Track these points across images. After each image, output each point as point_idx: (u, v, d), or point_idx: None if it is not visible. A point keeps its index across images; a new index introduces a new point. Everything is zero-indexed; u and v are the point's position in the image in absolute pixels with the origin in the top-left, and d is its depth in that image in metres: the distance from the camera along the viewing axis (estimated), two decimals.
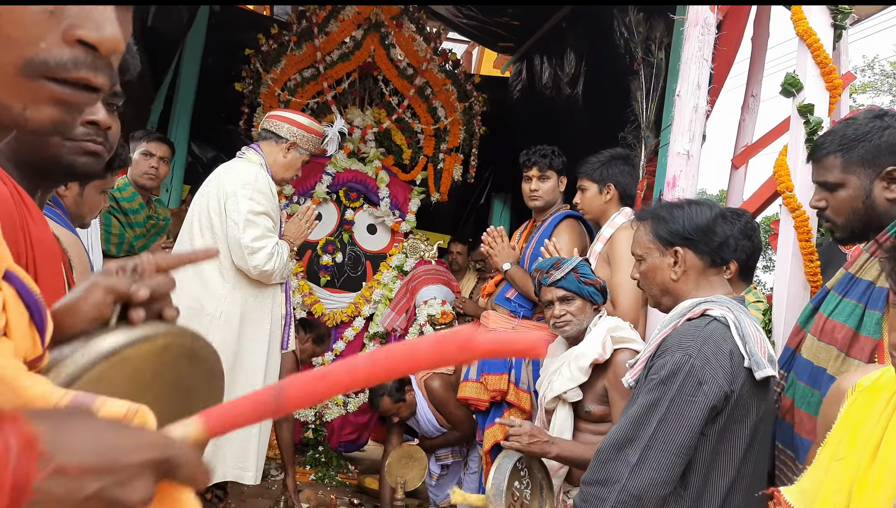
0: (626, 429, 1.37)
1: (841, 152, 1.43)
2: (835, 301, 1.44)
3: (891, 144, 1.38)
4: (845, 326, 1.38)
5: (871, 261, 1.40)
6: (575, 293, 2.07)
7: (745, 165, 3.63)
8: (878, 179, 1.39)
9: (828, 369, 1.40)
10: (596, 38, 3.89)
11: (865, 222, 1.42)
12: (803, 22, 1.86)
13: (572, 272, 2.09)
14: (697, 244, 1.50)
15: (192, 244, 2.32)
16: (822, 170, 1.47)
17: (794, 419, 1.48)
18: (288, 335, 2.47)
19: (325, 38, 4.10)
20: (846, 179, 1.42)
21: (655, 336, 1.48)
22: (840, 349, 1.39)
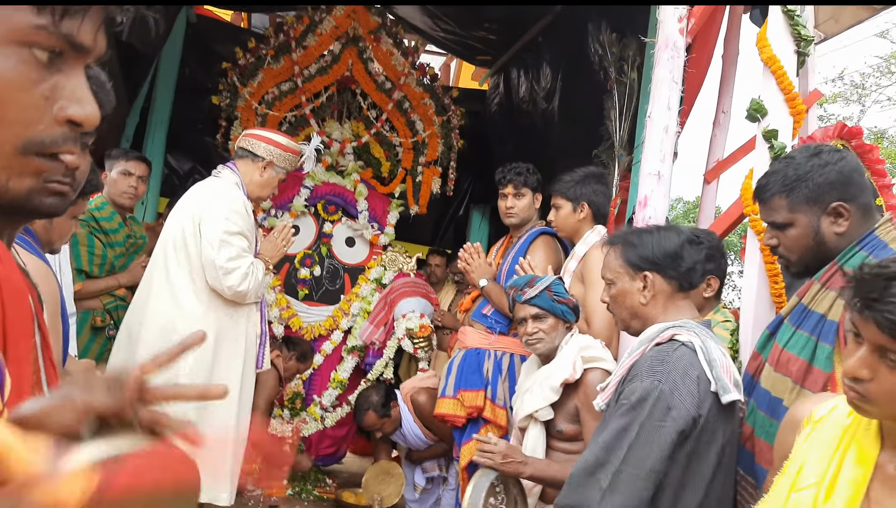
0: (598, 454, 1.39)
1: (785, 193, 1.46)
2: (789, 332, 1.47)
3: (831, 181, 1.42)
4: (799, 358, 1.42)
5: (822, 292, 1.43)
6: (548, 311, 2.10)
7: (716, 180, 3.70)
8: (824, 215, 1.43)
9: (784, 400, 1.43)
10: (571, 54, 3.95)
11: (819, 257, 1.46)
12: (767, 49, 1.92)
13: (546, 291, 2.12)
14: (666, 270, 1.54)
15: (166, 264, 2.31)
16: (770, 211, 1.51)
17: (755, 447, 1.51)
18: (262, 354, 2.46)
19: (302, 51, 4.10)
20: (794, 218, 1.46)
21: (625, 360, 1.51)
22: (795, 381, 1.42)
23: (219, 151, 4.32)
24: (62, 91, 0.51)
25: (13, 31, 0.48)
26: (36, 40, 0.49)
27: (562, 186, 2.59)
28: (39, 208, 0.66)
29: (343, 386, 3.99)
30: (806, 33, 1.89)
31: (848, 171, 1.43)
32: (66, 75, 0.52)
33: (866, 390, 0.93)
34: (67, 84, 0.52)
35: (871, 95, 11.93)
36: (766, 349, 1.53)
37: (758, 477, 1.48)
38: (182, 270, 2.27)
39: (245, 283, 2.30)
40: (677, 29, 2.31)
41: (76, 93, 0.52)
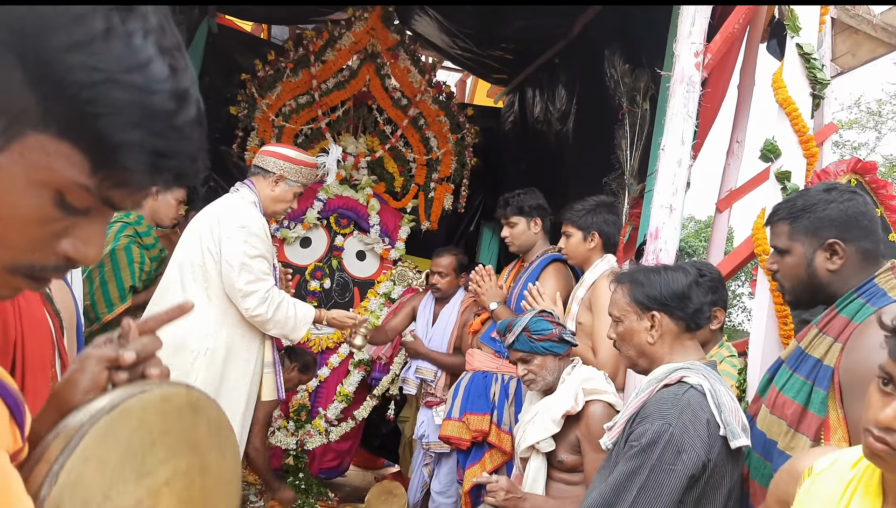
0: (607, 496, 1.40)
1: (789, 221, 1.49)
2: (786, 376, 1.47)
3: (833, 218, 1.44)
4: (794, 402, 1.42)
5: (819, 337, 1.43)
6: (531, 352, 2.11)
7: (729, 209, 3.71)
8: (819, 249, 1.45)
9: (778, 443, 1.44)
10: (586, 77, 3.97)
11: (810, 290, 1.47)
12: (783, 90, 1.93)
13: (523, 333, 2.12)
14: (673, 310, 1.55)
15: (182, 279, 2.33)
16: (774, 235, 1.54)
17: (749, 489, 1.51)
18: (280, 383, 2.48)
19: (321, 65, 4.15)
20: (792, 246, 1.48)
21: (633, 401, 1.52)
22: (790, 424, 1.42)
23: (234, 160, 4.37)
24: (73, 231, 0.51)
25: (51, 179, 0.47)
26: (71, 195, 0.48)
27: (572, 214, 2.61)
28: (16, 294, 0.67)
29: (348, 400, 4.01)
30: (822, 76, 1.91)
31: (853, 212, 1.44)
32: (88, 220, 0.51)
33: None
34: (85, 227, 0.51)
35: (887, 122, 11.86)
36: (765, 392, 1.53)
37: None
38: (198, 286, 2.29)
39: (263, 307, 2.30)
40: (693, 63, 2.33)
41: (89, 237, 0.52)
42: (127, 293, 2.71)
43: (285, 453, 3.91)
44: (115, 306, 2.66)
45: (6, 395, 0.58)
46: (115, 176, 0.49)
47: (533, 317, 2.16)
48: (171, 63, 0.51)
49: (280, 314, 2.35)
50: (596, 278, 2.48)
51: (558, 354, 2.12)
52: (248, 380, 2.34)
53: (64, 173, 0.47)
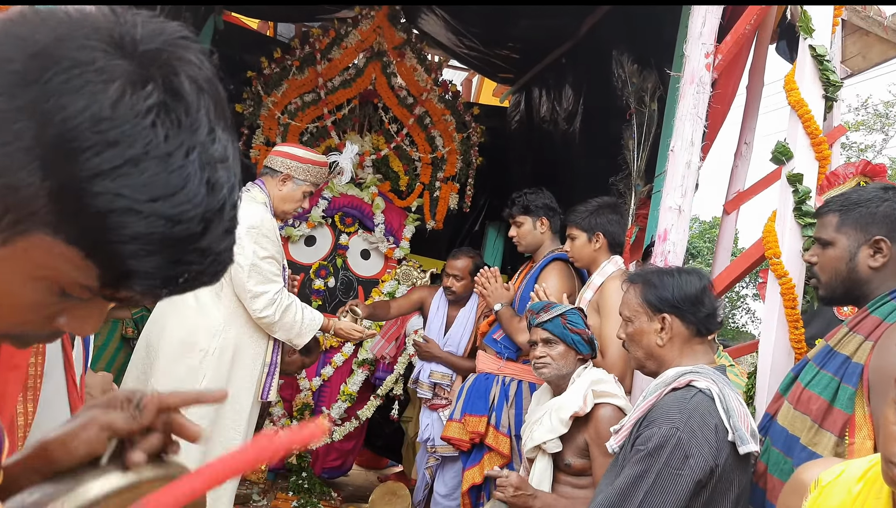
0: (614, 500, 1.39)
1: (840, 212, 1.49)
2: (812, 372, 1.47)
3: (886, 215, 1.44)
4: (820, 397, 1.42)
5: (849, 335, 1.43)
6: (559, 338, 2.09)
7: (736, 211, 3.68)
8: (865, 245, 1.44)
9: (801, 438, 1.43)
10: (594, 78, 3.95)
11: (847, 285, 1.47)
12: (795, 92, 1.91)
13: (560, 317, 2.12)
14: (685, 314, 1.54)
15: None
16: (821, 226, 1.54)
17: (767, 485, 1.50)
18: (270, 385, 2.44)
19: (327, 64, 4.14)
20: (837, 238, 1.48)
21: (641, 404, 1.51)
22: (814, 419, 1.42)
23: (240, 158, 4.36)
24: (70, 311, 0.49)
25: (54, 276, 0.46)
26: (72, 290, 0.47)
27: (576, 216, 2.59)
28: None
29: (352, 399, 4.00)
30: (834, 78, 1.89)
31: None
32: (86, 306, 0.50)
33: None
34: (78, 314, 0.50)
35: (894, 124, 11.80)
36: (788, 391, 1.52)
37: None
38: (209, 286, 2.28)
39: (271, 309, 2.30)
40: (703, 64, 2.31)
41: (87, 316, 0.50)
42: None
43: None
44: None
45: None
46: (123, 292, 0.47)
47: (573, 309, 2.18)
48: (211, 178, 0.47)
49: (287, 318, 2.34)
50: (604, 280, 2.46)
51: (581, 353, 2.11)
52: (256, 380, 2.34)
53: (69, 275, 0.45)
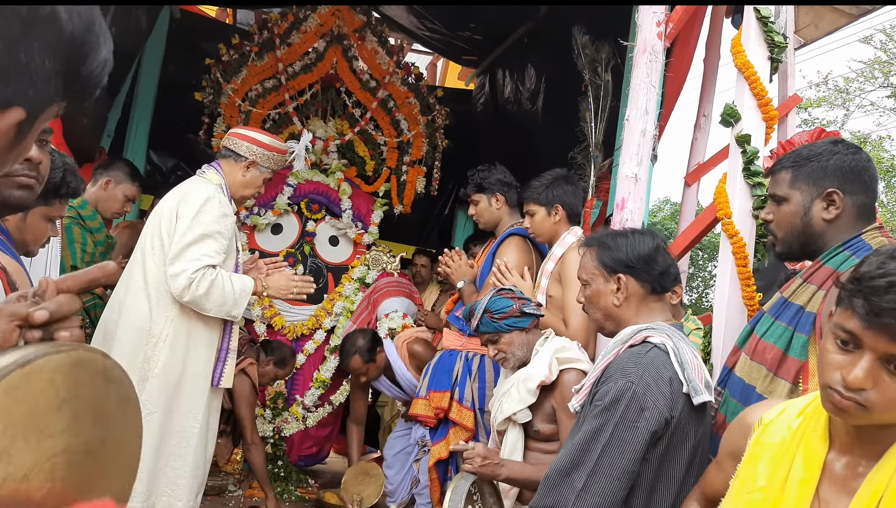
0: (573, 455, 1.41)
1: (792, 168, 1.51)
2: (767, 323, 1.51)
3: (836, 167, 1.46)
4: (775, 347, 1.45)
5: (803, 286, 1.47)
6: (495, 332, 2.12)
7: (697, 183, 3.74)
8: (818, 198, 1.47)
9: (757, 387, 1.47)
10: (554, 56, 3.97)
11: (802, 240, 1.50)
12: (741, 55, 1.94)
13: (485, 315, 2.13)
14: (639, 272, 1.56)
15: (143, 263, 2.28)
16: (774, 183, 1.56)
17: None
18: (220, 372, 2.33)
19: (286, 49, 4.09)
20: (791, 194, 1.50)
21: (599, 362, 1.53)
22: (769, 369, 1.45)
23: (202, 147, 4.30)
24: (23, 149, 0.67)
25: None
26: None
27: (532, 192, 2.59)
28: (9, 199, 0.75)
29: (325, 386, 3.99)
30: (779, 40, 1.92)
31: (856, 166, 1.46)
32: None
33: (867, 398, 0.92)
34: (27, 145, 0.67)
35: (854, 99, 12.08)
36: (744, 343, 1.56)
37: None
38: (159, 270, 2.24)
39: (190, 291, 2.16)
40: (655, 33, 2.34)
41: None
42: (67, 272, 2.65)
43: (263, 441, 3.88)
44: None
45: None
46: None
47: (491, 297, 2.16)
48: None
49: (215, 293, 2.20)
50: (564, 251, 2.48)
51: (524, 328, 2.12)
52: (211, 366, 2.30)
53: None
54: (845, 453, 0.99)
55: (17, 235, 1.63)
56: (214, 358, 2.30)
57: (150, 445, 2.13)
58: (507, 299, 2.14)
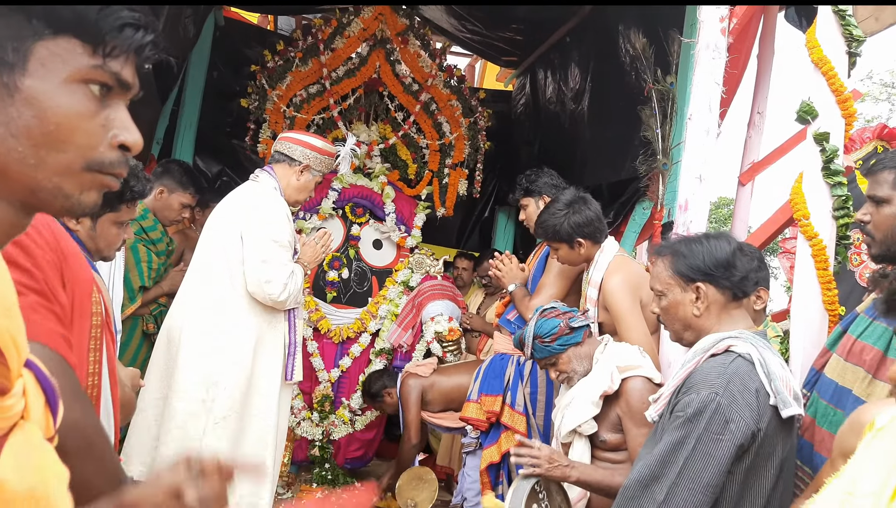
0: (653, 467, 1.36)
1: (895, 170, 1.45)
2: (864, 323, 1.45)
3: None
4: (874, 348, 1.39)
5: None
6: (551, 356, 2.06)
7: (751, 182, 3.64)
8: None
9: (853, 389, 1.41)
10: (601, 54, 3.90)
11: None
12: (818, 50, 1.87)
13: (536, 341, 2.07)
14: (718, 279, 1.50)
15: (207, 270, 2.31)
16: (875, 184, 1.49)
17: (815, 437, 1.48)
18: (292, 366, 2.43)
19: (330, 54, 4.10)
20: (893, 195, 1.44)
21: (679, 372, 1.48)
22: (868, 370, 1.40)
23: (247, 153, 4.34)
24: (114, 122, 0.63)
25: (76, 71, 0.60)
26: (92, 77, 0.61)
27: (547, 231, 2.44)
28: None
29: None
30: (858, 33, 1.84)
31: None
32: (113, 109, 0.64)
33: None
34: (117, 116, 0.64)
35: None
36: (835, 345, 1.50)
37: (815, 467, 1.46)
38: (223, 276, 2.27)
39: (285, 292, 2.30)
40: (719, 29, 2.26)
41: (124, 123, 0.64)
42: (137, 294, 2.69)
43: (311, 444, 3.90)
44: (126, 306, 2.63)
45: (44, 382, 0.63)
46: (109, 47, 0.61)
47: (537, 322, 2.09)
48: None
49: (294, 290, 2.36)
50: (602, 276, 2.38)
51: (578, 342, 2.06)
52: (280, 365, 2.33)
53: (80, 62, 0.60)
54: None
55: (91, 243, 1.64)
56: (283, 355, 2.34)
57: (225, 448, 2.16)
58: (554, 319, 2.08)
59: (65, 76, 0.59)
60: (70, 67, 0.60)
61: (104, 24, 0.61)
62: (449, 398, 3.34)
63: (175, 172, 3.00)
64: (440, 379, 3.41)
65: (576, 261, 2.50)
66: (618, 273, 2.34)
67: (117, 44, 0.62)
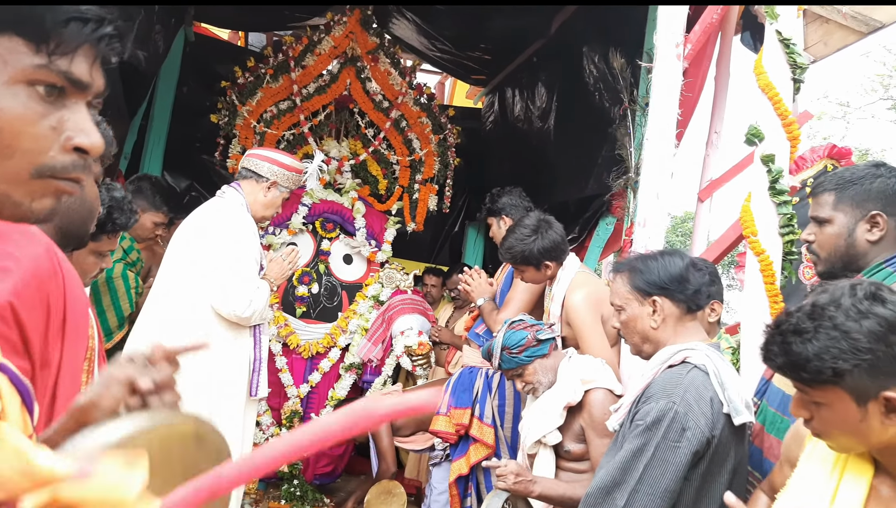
0: (614, 474, 1.42)
1: (835, 191, 1.54)
2: None
3: (880, 190, 1.50)
4: None
5: None
6: (517, 367, 2.13)
7: (710, 198, 3.78)
8: (862, 220, 1.50)
9: None
10: (566, 75, 4.02)
11: (845, 260, 1.52)
12: (764, 76, 1.98)
13: (503, 352, 2.13)
14: (673, 293, 1.58)
15: (174, 287, 2.30)
16: (817, 205, 1.58)
17: (764, 444, 1.56)
18: (256, 382, 2.42)
19: (301, 71, 4.14)
20: (834, 216, 1.53)
21: (639, 383, 1.55)
22: None
23: (217, 168, 4.34)
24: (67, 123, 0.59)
25: (18, 72, 0.57)
26: (37, 78, 0.58)
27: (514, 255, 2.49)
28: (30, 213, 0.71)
29: (341, 405, 3.98)
30: (801, 61, 1.96)
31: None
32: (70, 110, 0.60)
33: (814, 428, 1.01)
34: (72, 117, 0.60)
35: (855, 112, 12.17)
36: None
37: (765, 472, 1.53)
38: (188, 292, 2.27)
39: (250, 308, 2.31)
40: (674, 55, 2.38)
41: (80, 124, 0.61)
42: (125, 321, 2.67)
43: None
44: (114, 334, 2.61)
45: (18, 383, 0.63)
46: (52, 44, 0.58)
47: (505, 333, 2.15)
48: None
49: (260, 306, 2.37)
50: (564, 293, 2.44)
51: (544, 354, 2.12)
52: (245, 382, 2.33)
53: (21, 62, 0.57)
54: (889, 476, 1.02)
55: None
56: (248, 371, 2.33)
57: None
58: (521, 331, 2.14)
59: (5, 78, 0.57)
60: (11, 67, 0.57)
61: (47, 20, 0.57)
62: (419, 420, 3.35)
63: (147, 192, 2.98)
64: None
65: (541, 280, 2.58)
66: (580, 289, 2.41)
67: (62, 40, 0.58)
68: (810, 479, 1.09)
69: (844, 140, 12.26)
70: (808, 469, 1.11)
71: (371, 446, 3.39)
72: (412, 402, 0.65)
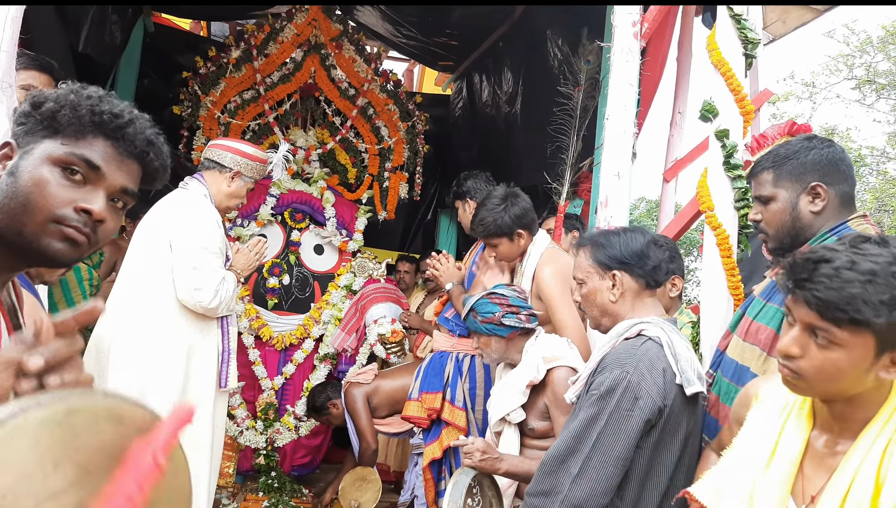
0: (569, 442, 1.44)
1: (773, 168, 1.56)
2: (759, 306, 1.56)
3: (815, 162, 1.52)
4: (768, 328, 1.50)
5: None
6: (476, 332, 2.16)
7: (675, 179, 3.82)
8: (803, 193, 1.52)
9: (751, 367, 1.52)
10: (531, 59, 4.03)
11: (793, 233, 1.55)
12: (716, 52, 2.00)
13: (471, 313, 2.16)
14: (633, 268, 1.60)
15: (139, 279, 2.27)
16: (758, 185, 1.61)
17: (719, 413, 1.59)
18: (226, 373, 2.39)
19: (264, 59, 4.08)
20: (776, 193, 1.55)
21: (595, 355, 1.57)
22: (763, 348, 1.51)
23: (182, 161, 4.27)
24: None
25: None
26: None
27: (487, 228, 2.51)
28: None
29: None
30: (753, 36, 1.98)
31: (833, 157, 1.52)
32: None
33: (798, 367, 1.00)
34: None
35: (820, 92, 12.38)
36: (736, 327, 1.61)
37: None
38: (153, 285, 2.24)
39: (216, 299, 2.29)
40: (631, 33, 2.39)
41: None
42: None
43: (255, 453, 3.86)
44: None
45: None
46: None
47: (481, 299, 2.17)
48: None
49: (226, 297, 2.35)
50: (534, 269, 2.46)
51: (501, 336, 2.13)
52: (214, 374, 2.31)
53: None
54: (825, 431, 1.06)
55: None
56: (217, 362, 2.32)
57: None
58: (494, 305, 2.14)
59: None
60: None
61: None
62: (394, 401, 3.37)
63: None
64: (383, 383, 3.44)
65: (514, 255, 2.58)
66: (550, 264, 2.44)
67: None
68: (755, 435, 1.12)
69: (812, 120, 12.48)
70: (754, 427, 1.14)
71: (350, 427, 3.39)
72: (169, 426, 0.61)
